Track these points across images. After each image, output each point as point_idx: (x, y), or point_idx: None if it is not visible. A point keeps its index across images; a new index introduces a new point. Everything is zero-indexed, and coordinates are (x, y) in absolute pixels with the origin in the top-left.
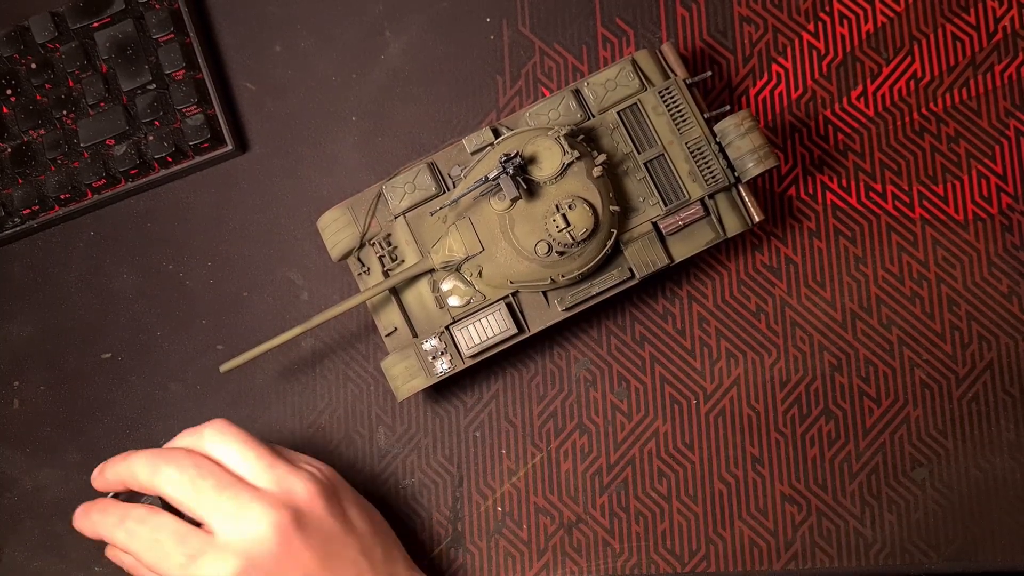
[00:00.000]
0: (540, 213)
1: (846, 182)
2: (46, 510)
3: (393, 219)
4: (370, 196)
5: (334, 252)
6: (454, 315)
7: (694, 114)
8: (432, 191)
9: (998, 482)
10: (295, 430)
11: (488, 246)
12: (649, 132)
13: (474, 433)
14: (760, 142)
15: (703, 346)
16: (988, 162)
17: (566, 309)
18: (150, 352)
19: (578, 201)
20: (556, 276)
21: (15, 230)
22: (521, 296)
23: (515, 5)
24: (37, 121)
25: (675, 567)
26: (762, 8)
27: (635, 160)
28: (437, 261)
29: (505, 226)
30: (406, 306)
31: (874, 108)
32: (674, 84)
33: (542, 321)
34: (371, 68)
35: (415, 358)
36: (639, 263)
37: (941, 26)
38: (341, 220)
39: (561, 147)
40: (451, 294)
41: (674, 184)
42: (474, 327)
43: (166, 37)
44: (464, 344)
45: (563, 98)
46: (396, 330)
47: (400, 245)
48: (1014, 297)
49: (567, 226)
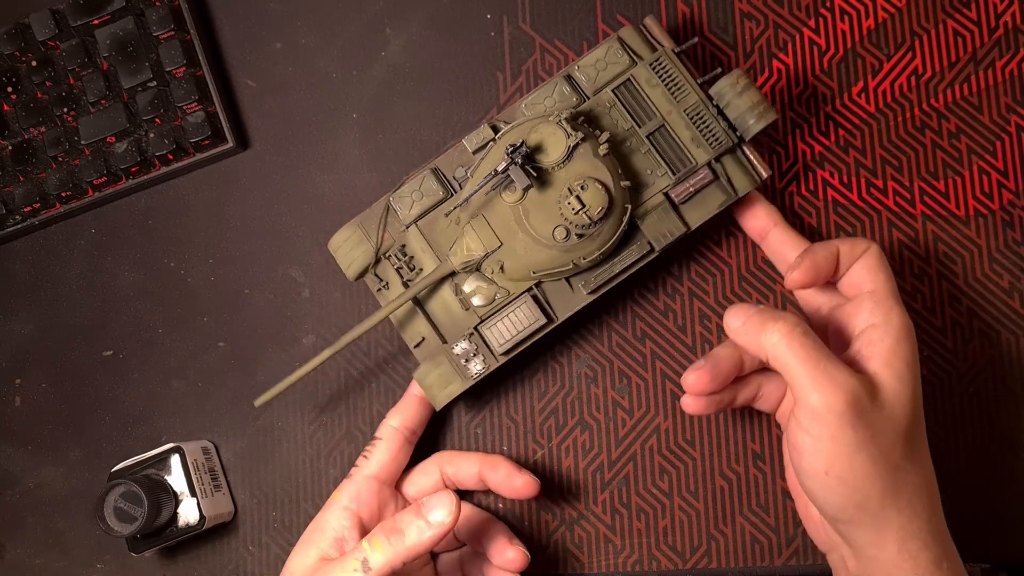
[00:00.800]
0: (553, 199)
1: (847, 178)
2: (48, 507)
3: (405, 229)
4: (378, 210)
5: (350, 271)
6: (480, 315)
7: (688, 81)
8: (440, 195)
9: (1000, 477)
10: (297, 427)
11: (506, 240)
12: (646, 105)
13: (475, 430)
14: (757, 98)
15: (704, 343)
16: (989, 158)
17: (591, 292)
18: (151, 349)
19: (589, 181)
20: (578, 260)
21: (16, 228)
22: (544, 286)
23: (516, 1)
24: (38, 119)
25: (677, 563)
26: (763, 4)
27: (637, 135)
28: (456, 263)
29: (520, 217)
30: (431, 314)
31: (875, 104)
32: (663, 55)
33: (569, 308)
34: (372, 65)
35: (448, 364)
36: (657, 235)
37: (942, 22)
38: (353, 238)
39: (564, 131)
40: (474, 294)
41: (679, 152)
42: (503, 323)
43: (167, 34)
44: (495, 342)
45: (556, 84)
46: (424, 340)
47: (416, 254)
48: (1015, 293)
49: (582, 207)
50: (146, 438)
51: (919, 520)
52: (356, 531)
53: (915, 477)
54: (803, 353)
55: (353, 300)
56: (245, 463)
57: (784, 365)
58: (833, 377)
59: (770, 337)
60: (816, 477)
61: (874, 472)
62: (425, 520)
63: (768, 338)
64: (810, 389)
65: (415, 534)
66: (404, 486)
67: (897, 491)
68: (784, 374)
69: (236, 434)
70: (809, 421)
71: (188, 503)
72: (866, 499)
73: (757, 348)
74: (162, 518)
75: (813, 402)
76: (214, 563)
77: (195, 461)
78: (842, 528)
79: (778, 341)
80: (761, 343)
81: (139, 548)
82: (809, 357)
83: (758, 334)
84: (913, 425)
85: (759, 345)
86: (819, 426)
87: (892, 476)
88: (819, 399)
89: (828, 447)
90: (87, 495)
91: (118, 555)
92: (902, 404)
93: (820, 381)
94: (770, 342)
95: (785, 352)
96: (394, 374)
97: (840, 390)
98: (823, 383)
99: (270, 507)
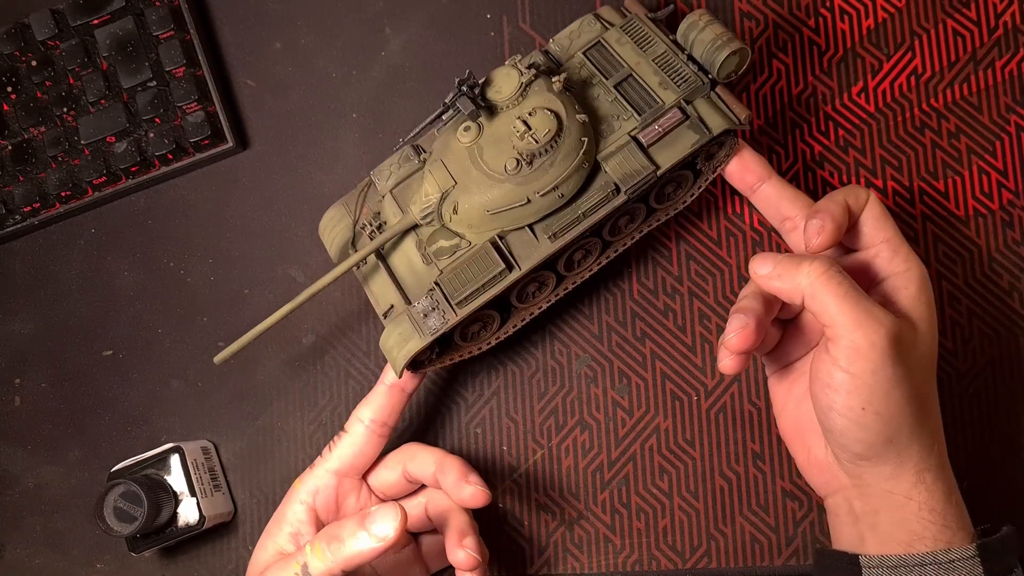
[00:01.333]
0: (505, 134)
1: (847, 178)
2: (48, 507)
3: (382, 199)
4: (360, 187)
5: (332, 250)
6: (441, 267)
7: (656, 33)
8: (416, 164)
9: (1000, 478)
10: (296, 426)
11: (460, 179)
12: (615, 60)
13: (475, 430)
14: (720, 30)
15: (704, 342)
16: (989, 158)
17: (552, 237)
18: (151, 349)
19: (538, 109)
20: (531, 194)
21: (16, 227)
22: (509, 238)
23: (515, 1)
24: (38, 118)
25: (676, 563)
26: (762, 3)
27: (604, 86)
28: (416, 211)
29: (475, 156)
30: (397, 275)
31: (875, 104)
32: (635, 18)
33: (532, 257)
34: (371, 65)
35: (408, 322)
36: (622, 176)
37: (942, 21)
38: (336, 217)
39: (518, 69)
40: (435, 245)
41: (645, 97)
42: (460, 272)
43: (166, 34)
44: (453, 292)
45: (532, 59)
46: (392, 308)
47: (388, 219)
48: (1015, 293)
49: (528, 130)
50: (146, 438)
51: (935, 453)
52: (312, 526)
53: (935, 410)
54: (841, 291)
55: (353, 300)
56: (245, 463)
57: (823, 304)
58: (875, 315)
59: (806, 278)
60: (851, 413)
61: (907, 407)
62: (367, 532)
63: (804, 279)
64: (853, 327)
65: (355, 545)
66: (370, 477)
67: (922, 425)
68: (821, 314)
69: (236, 434)
70: (849, 358)
71: (188, 503)
72: (897, 432)
73: (792, 290)
74: (162, 518)
75: (856, 339)
76: (214, 563)
77: (195, 461)
78: (863, 465)
79: (814, 281)
80: (798, 284)
81: (139, 548)
82: (848, 296)
83: (793, 276)
84: (935, 362)
85: (795, 287)
86: (861, 362)
87: (921, 410)
88: (863, 336)
89: (869, 382)
90: (87, 495)
91: (117, 555)
92: (928, 343)
93: (862, 319)
94: (807, 282)
95: (823, 291)
96: None
97: (883, 327)
98: (866, 321)
99: (270, 507)
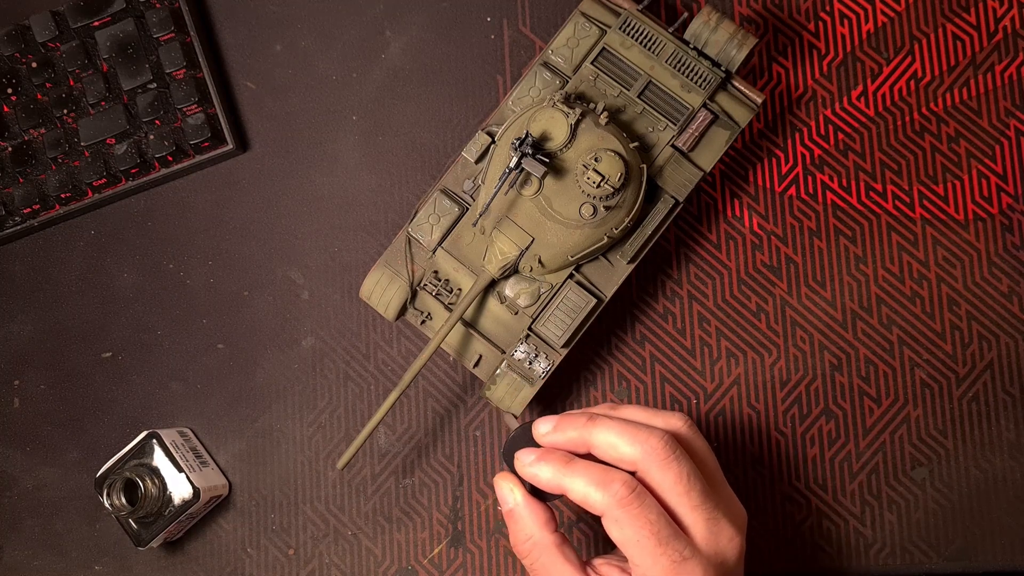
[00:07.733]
0: (571, 180)
1: (846, 182)
2: (46, 509)
3: (432, 255)
4: (400, 244)
5: (388, 313)
6: (531, 314)
7: (660, 33)
8: (456, 212)
9: (998, 482)
10: (295, 429)
11: (536, 234)
12: (628, 67)
13: (475, 432)
14: (733, 28)
15: (703, 345)
16: (988, 162)
17: (630, 261)
18: (151, 351)
19: (601, 152)
20: (610, 231)
21: (16, 229)
22: (584, 269)
23: (515, 5)
24: (38, 120)
25: None
26: (762, 8)
27: (629, 98)
28: (494, 270)
29: (544, 208)
30: (482, 330)
31: (874, 108)
32: (628, 15)
33: (612, 282)
34: (371, 67)
35: (511, 373)
36: (677, 186)
37: (941, 26)
38: (383, 280)
39: (562, 111)
40: (519, 296)
41: (672, 102)
42: (555, 316)
43: (167, 36)
44: (553, 335)
45: (536, 74)
46: (481, 357)
47: (450, 275)
48: (1014, 297)
49: (603, 179)
50: None
51: None
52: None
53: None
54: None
55: (353, 302)
56: (244, 465)
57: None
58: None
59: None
60: None
61: None
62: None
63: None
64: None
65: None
66: None
67: None
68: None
69: (235, 436)
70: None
71: (178, 479)
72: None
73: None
74: (159, 500)
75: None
76: (212, 565)
77: (173, 442)
78: None
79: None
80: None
81: (144, 540)
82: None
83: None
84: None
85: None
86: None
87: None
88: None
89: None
90: (85, 497)
91: (116, 556)
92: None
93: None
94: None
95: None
96: (393, 376)
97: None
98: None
99: (268, 509)
